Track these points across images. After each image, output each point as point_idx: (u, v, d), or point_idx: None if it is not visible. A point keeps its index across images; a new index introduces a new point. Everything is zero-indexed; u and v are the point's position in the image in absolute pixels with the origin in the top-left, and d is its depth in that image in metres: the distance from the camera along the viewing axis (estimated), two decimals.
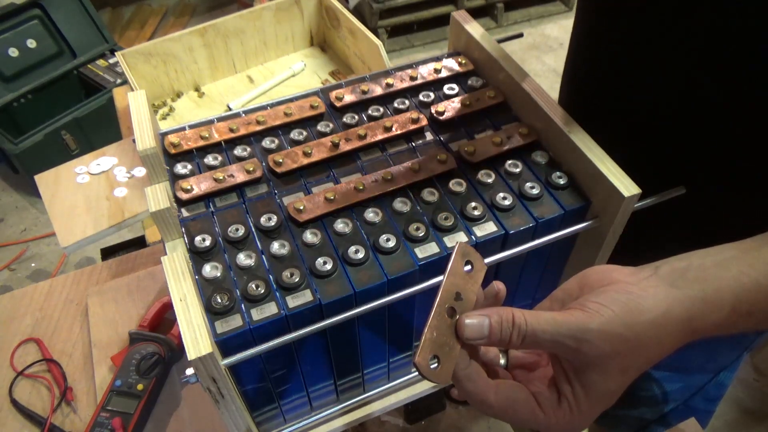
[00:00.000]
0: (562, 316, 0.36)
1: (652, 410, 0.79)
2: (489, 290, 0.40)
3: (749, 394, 1.49)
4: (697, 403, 0.77)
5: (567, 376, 0.37)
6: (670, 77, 0.55)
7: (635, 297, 0.36)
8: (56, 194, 1.02)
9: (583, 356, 0.35)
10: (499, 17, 2.72)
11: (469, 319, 0.37)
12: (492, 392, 0.37)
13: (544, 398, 0.37)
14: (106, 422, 0.69)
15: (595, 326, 0.35)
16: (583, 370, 0.36)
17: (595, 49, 0.64)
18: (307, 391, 0.58)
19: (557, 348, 0.36)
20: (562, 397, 0.37)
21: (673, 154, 0.59)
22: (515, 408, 0.37)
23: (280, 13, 1.23)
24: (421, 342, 0.35)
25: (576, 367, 0.36)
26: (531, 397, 0.37)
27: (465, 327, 0.36)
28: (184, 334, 0.42)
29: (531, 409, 0.36)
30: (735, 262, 0.37)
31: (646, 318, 0.35)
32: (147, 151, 0.52)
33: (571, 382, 0.36)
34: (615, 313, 0.35)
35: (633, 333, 0.35)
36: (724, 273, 0.37)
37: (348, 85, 0.65)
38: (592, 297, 0.36)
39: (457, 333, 0.37)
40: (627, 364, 0.35)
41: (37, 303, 0.86)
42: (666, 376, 0.74)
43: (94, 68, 2.08)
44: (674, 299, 0.36)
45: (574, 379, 0.36)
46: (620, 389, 0.36)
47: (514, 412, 0.37)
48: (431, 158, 0.56)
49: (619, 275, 0.38)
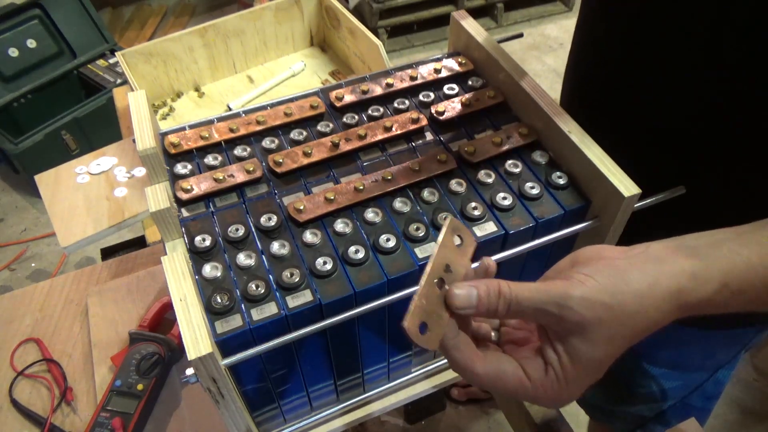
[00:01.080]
0: (546, 285, 0.36)
1: (650, 407, 0.79)
2: (480, 266, 0.41)
3: (749, 394, 1.49)
4: (695, 401, 0.77)
5: (552, 344, 0.37)
6: (671, 77, 0.55)
7: (622, 269, 0.36)
8: (56, 194, 1.02)
9: (566, 323, 0.35)
10: (499, 17, 2.72)
11: (458, 289, 0.37)
12: (479, 362, 0.37)
13: (531, 368, 0.37)
14: (106, 422, 0.69)
15: (577, 293, 0.35)
16: (567, 338, 0.36)
17: (597, 49, 0.64)
18: (307, 391, 0.58)
19: (541, 316, 0.36)
20: (548, 366, 0.36)
21: (673, 154, 0.59)
22: (502, 377, 0.37)
23: (280, 13, 1.23)
24: (411, 308, 0.35)
25: (560, 334, 0.36)
26: (518, 367, 0.37)
27: (454, 297, 0.37)
28: (184, 334, 0.42)
29: (518, 378, 0.37)
30: (728, 243, 0.38)
31: (630, 288, 0.35)
32: (147, 151, 0.52)
33: (556, 350, 0.36)
34: (599, 282, 0.36)
35: (616, 301, 0.35)
36: (716, 251, 0.37)
37: (348, 85, 0.65)
38: (579, 268, 0.37)
39: (447, 303, 0.37)
40: (611, 332, 0.35)
41: (37, 303, 0.86)
42: (664, 373, 0.74)
43: (94, 68, 2.08)
44: (662, 272, 0.36)
45: (559, 347, 0.36)
46: (607, 359, 0.36)
47: (500, 381, 0.37)
48: (431, 158, 0.56)
49: (610, 252, 0.38)
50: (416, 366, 0.65)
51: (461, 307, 0.37)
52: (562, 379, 0.36)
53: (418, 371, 0.64)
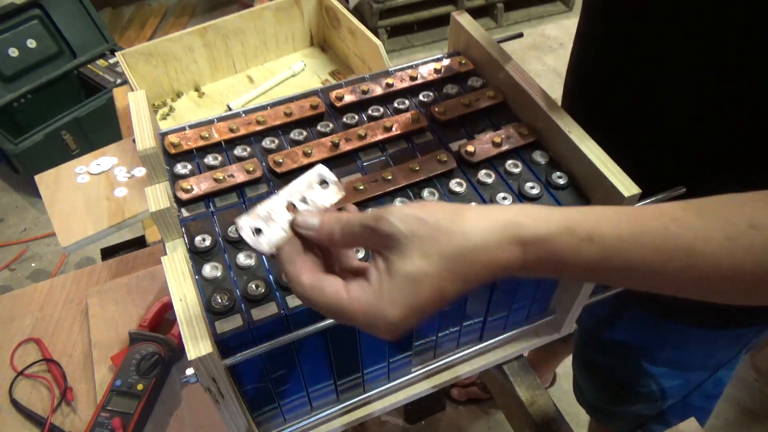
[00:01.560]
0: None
1: (651, 407, 0.79)
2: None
3: (749, 394, 1.49)
4: (695, 401, 0.77)
5: (374, 262, 0.37)
6: (671, 77, 0.55)
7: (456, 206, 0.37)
8: (56, 194, 1.02)
9: (381, 235, 0.35)
10: (499, 17, 2.72)
11: (305, 213, 0.39)
12: (307, 273, 0.37)
13: (353, 285, 0.36)
14: (106, 422, 0.69)
15: (395, 210, 0.36)
16: (383, 252, 0.36)
17: (598, 49, 0.64)
18: (307, 391, 0.58)
19: (365, 232, 0.36)
20: (366, 280, 0.36)
21: (673, 154, 0.59)
22: (323, 289, 0.36)
23: (280, 13, 1.23)
24: (252, 210, 0.39)
25: (378, 250, 0.36)
26: (342, 283, 0.37)
27: (299, 214, 0.39)
28: (184, 334, 0.42)
29: (336, 290, 0.36)
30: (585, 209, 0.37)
31: (449, 209, 0.36)
32: (147, 151, 0.52)
33: (376, 266, 0.36)
34: (419, 204, 0.36)
35: (433, 218, 0.35)
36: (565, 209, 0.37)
37: (348, 85, 0.65)
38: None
39: (292, 222, 0.39)
40: (427, 248, 0.34)
41: (37, 303, 0.86)
42: (664, 372, 0.75)
43: (94, 68, 2.07)
44: (497, 208, 0.37)
45: (378, 261, 0.36)
46: (423, 276, 0.34)
47: (321, 293, 0.36)
48: (431, 158, 0.56)
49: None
50: (416, 366, 0.65)
51: (303, 227, 0.38)
52: (377, 291, 0.35)
53: (418, 371, 0.64)
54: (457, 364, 0.67)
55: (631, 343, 0.76)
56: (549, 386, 1.52)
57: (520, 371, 0.77)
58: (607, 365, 0.81)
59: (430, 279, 0.34)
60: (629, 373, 0.77)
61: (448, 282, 0.35)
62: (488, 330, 0.66)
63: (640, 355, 0.75)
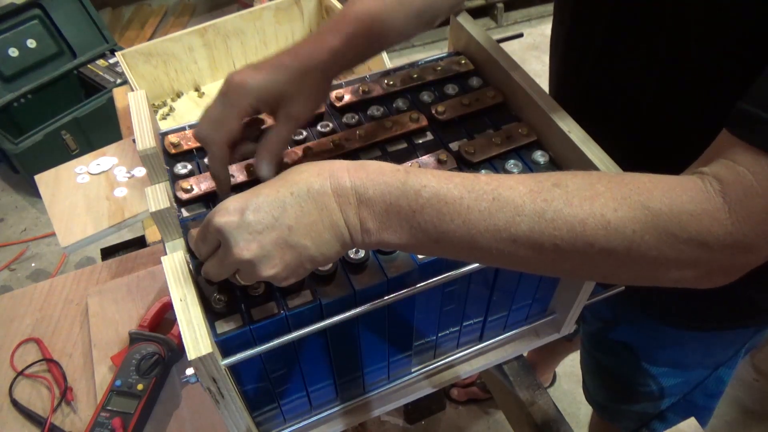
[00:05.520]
0: None
1: (653, 405, 0.79)
2: None
3: (749, 394, 1.49)
4: (697, 399, 0.77)
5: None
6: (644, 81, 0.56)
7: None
8: (56, 194, 1.02)
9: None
10: (499, 17, 2.72)
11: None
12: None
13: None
14: (106, 422, 0.69)
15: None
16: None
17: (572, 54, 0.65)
18: (307, 391, 0.58)
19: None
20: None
21: (673, 154, 0.59)
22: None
23: (280, 13, 1.23)
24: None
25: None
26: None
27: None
28: (184, 334, 0.42)
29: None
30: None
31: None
32: (147, 151, 0.52)
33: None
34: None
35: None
36: None
37: (348, 85, 0.65)
38: None
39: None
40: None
41: (37, 303, 0.86)
42: (664, 371, 0.75)
43: (94, 68, 2.07)
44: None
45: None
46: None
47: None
48: (431, 158, 0.56)
49: None
50: (416, 366, 0.65)
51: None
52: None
53: (418, 371, 0.64)
54: (457, 364, 0.67)
55: (632, 344, 0.76)
56: (549, 386, 1.52)
57: (520, 371, 0.77)
58: (611, 365, 0.82)
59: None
60: (631, 373, 0.78)
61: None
62: (488, 330, 0.66)
63: (640, 355, 0.75)
